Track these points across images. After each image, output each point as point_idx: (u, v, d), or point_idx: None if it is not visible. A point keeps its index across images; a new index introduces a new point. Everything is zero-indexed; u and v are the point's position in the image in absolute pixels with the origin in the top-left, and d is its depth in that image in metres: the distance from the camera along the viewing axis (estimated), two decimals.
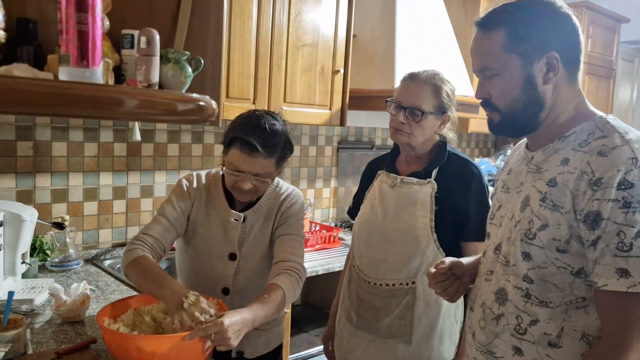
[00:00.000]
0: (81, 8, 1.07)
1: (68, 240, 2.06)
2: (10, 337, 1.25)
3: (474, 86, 2.11)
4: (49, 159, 2.12)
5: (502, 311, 1.14)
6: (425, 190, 1.62)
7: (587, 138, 1.05)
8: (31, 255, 1.89)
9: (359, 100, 2.68)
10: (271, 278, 1.45)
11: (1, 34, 1.16)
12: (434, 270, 1.25)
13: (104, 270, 2.09)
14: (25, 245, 1.72)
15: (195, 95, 1.31)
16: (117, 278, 1.98)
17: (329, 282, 2.49)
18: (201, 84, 1.46)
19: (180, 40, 1.49)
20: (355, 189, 1.91)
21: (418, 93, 1.60)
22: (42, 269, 2.02)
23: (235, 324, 1.22)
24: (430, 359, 1.63)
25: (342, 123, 2.66)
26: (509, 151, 3.96)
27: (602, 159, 0.99)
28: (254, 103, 2.28)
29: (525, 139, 1.23)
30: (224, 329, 1.20)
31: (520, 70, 1.08)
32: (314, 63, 2.49)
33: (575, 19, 1.10)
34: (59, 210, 2.16)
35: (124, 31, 1.33)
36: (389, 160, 1.78)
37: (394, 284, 1.63)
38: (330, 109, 2.59)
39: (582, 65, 1.14)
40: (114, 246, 2.32)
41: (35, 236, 2.00)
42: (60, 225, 2.03)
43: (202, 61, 1.40)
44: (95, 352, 1.34)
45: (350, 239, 1.87)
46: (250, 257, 1.58)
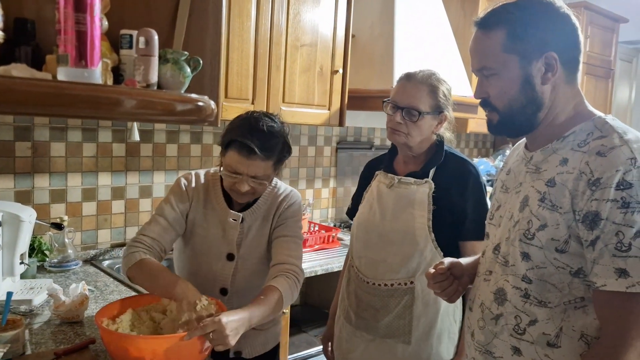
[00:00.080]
0: (79, 8, 1.06)
1: (67, 240, 2.05)
2: (8, 338, 1.24)
3: (473, 86, 2.11)
4: (47, 160, 2.12)
5: (501, 311, 1.14)
6: (423, 190, 1.62)
7: (586, 138, 1.05)
8: (30, 255, 1.89)
9: (358, 100, 2.68)
10: (269, 280, 1.45)
11: None
12: (433, 270, 1.25)
13: (102, 270, 2.08)
14: (23, 245, 1.72)
15: (193, 95, 1.30)
16: (116, 278, 1.97)
17: (328, 283, 2.49)
18: (200, 84, 1.45)
19: (178, 40, 1.49)
20: (354, 189, 1.91)
21: (415, 93, 1.60)
22: (41, 269, 2.02)
23: (233, 322, 1.23)
24: (429, 358, 1.63)
25: (341, 123, 2.66)
26: (507, 151, 3.97)
27: (601, 159, 0.99)
28: (252, 103, 2.27)
29: (524, 139, 1.23)
30: (222, 327, 1.20)
31: (518, 70, 1.08)
32: (312, 63, 2.48)
33: (574, 19, 1.10)
34: (58, 211, 2.16)
35: (123, 31, 1.32)
36: (387, 161, 1.78)
37: (392, 284, 1.63)
38: (329, 109, 2.59)
39: (581, 66, 1.15)
40: (112, 246, 2.32)
41: (34, 237, 1.99)
42: (58, 226, 2.03)
43: (201, 61, 1.39)
44: (94, 353, 1.33)
45: (349, 239, 1.87)
46: (249, 258, 1.58)
